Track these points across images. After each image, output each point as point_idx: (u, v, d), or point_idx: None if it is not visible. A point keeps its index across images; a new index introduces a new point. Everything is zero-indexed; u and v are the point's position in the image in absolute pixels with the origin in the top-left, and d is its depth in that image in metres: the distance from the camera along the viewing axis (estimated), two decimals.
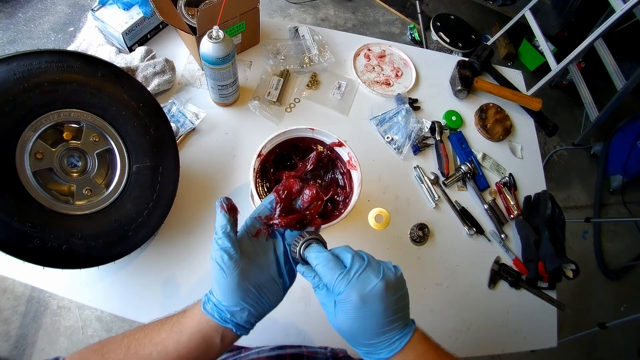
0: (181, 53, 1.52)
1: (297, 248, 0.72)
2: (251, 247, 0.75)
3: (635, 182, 3.40)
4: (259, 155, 1.05)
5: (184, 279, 1.15)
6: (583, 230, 3.25)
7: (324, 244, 0.74)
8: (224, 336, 0.69)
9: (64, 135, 0.96)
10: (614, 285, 3.13)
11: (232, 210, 0.76)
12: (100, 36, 1.44)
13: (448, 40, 3.71)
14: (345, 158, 1.13)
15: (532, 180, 1.56)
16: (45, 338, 2.24)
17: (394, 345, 0.66)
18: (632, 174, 3.30)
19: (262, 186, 1.09)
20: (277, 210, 0.78)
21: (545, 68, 2.95)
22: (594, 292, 3.06)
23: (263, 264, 0.74)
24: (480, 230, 1.40)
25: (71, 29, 3.22)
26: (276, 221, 0.77)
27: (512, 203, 1.46)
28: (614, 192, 3.42)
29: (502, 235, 1.40)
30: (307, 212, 0.80)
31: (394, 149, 1.47)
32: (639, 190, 3.49)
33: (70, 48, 1.39)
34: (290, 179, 0.82)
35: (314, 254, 0.70)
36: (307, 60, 1.56)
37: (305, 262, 0.72)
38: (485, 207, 1.44)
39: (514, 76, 1.82)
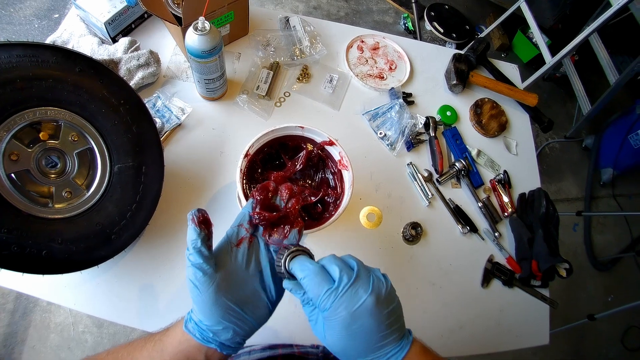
0: (167, 44, 1.46)
1: (282, 261, 0.68)
2: (232, 258, 0.70)
3: (625, 175, 3.46)
4: (246, 155, 0.99)
5: (170, 280, 1.11)
6: (574, 222, 3.28)
7: (310, 255, 0.69)
8: (208, 356, 0.65)
9: (41, 135, 0.90)
10: (603, 277, 3.20)
11: (204, 224, 0.71)
12: (82, 26, 1.37)
13: (442, 31, 3.66)
14: (337, 157, 1.08)
15: (527, 177, 1.53)
16: (35, 335, 2.19)
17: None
18: (622, 167, 3.35)
19: (250, 188, 1.04)
20: (257, 208, 0.75)
21: (538, 60, 2.94)
22: (583, 283, 3.11)
23: (245, 277, 0.70)
24: (474, 229, 1.37)
25: (56, 15, 3.11)
26: (256, 216, 0.74)
27: (506, 200, 1.43)
28: (604, 184, 3.46)
29: (496, 234, 1.38)
30: (288, 209, 0.77)
31: (387, 145, 1.43)
32: (628, 184, 3.55)
33: (51, 38, 1.33)
34: (265, 181, 0.80)
35: (299, 267, 0.65)
36: (298, 52, 1.51)
37: (291, 276, 0.67)
38: (479, 205, 1.41)
39: (510, 70, 1.78)
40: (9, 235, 0.80)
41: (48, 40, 1.32)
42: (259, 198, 0.76)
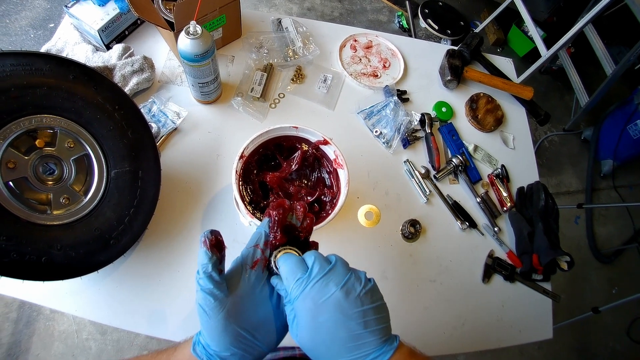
0: (161, 49, 1.47)
1: (271, 258, 0.68)
2: (245, 281, 0.67)
3: (625, 166, 3.45)
4: (241, 156, 1.00)
5: (171, 284, 1.12)
6: (575, 215, 3.27)
7: (298, 253, 0.69)
8: None
9: (37, 142, 0.91)
10: (606, 269, 3.18)
11: (216, 247, 0.67)
12: (76, 34, 1.38)
13: (436, 27, 3.66)
14: (332, 156, 1.09)
15: (525, 171, 1.53)
16: (39, 344, 2.19)
17: None
18: (622, 158, 3.34)
19: (246, 189, 1.05)
20: (275, 228, 0.72)
21: (534, 53, 2.93)
22: (587, 276, 3.10)
23: (258, 301, 0.67)
24: (473, 224, 1.37)
25: (51, 25, 3.12)
26: (271, 236, 0.72)
27: (504, 195, 1.44)
28: (604, 176, 3.45)
29: (496, 229, 1.37)
30: (303, 228, 0.76)
31: (383, 143, 1.43)
32: (629, 174, 3.54)
33: (45, 47, 1.34)
34: (279, 199, 0.81)
35: (282, 260, 0.66)
36: (291, 54, 1.51)
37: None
38: (478, 200, 1.41)
39: (505, 64, 1.79)
40: (8, 243, 0.81)
41: (43, 49, 1.33)
42: (276, 217, 0.73)
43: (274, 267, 0.67)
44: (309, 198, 1.06)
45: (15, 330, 2.19)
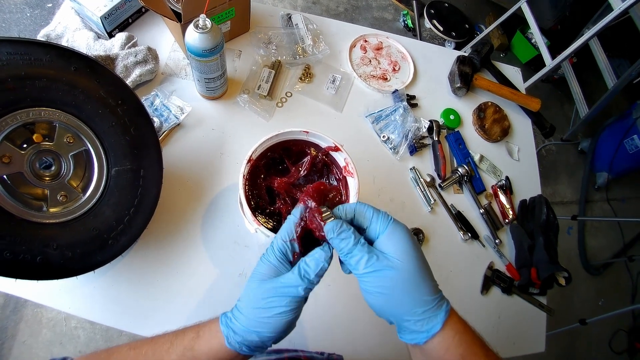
0: (165, 39, 1.41)
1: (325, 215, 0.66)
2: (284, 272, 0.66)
3: (620, 180, 3.49)
4: (249, 160, 0.96)
5: (167, 285, 1.08)
6: (568, 226, 3.30)
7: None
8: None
9: (34, 136, 0.86)
10: (594, 280, 3.23)
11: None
12: (77, 19, 1.31)
13: (441, 29, 3.63)
14: (342, 163, 1.05)
15: (528, 184, 1.52)
16: (27, 330, 2.15)
17: (439, 315, 0.60)
18: (617, 171, 3.38)
19: (252, 194, 1.01)
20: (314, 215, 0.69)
21: (536, 60, 2.92)
22: (576, 286, 3.13)
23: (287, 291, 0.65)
24: (475, 235, 1.36)
25: (49, 5, 2.98)
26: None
27: (507, 207, 1.42)
28: (599, 188, 3.49)
29: (497, 241, 1.36)
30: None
31: (390, 148, 1.40)
32: (622, 188, 3.59)
33: (44, 32, 1.28)
34: (317, 182, 0.77)
35: (331, 225, 0.64)
36: (300, 51, 1.47)
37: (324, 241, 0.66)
38: (481, 211, 1.40)
39: (512, 73, 1.76)
40: (1, 241, 0.76)
41: (41, 34, 1.27)
42: (312, 202, 0.70)
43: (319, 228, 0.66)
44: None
45: (2, 316, 2.15)
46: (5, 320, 2.14)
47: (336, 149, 1.02)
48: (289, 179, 1.02)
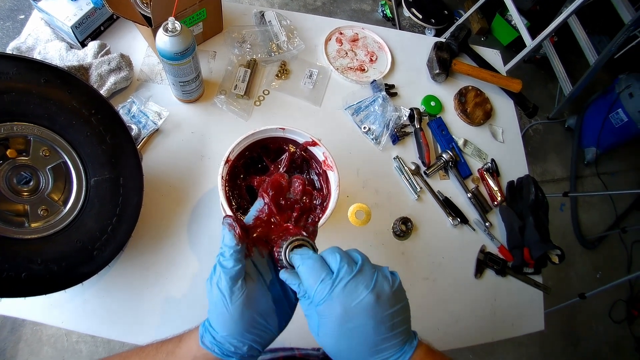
0: (139, 45, 1.40)
1: (282, 250, 0.64)
2: (251, 267, 0.65)
3: (608, 154, 3.55)
4: (227, 161, 0.95)
5: (158, 290, 1.08)
6: (560, 203, 3.33)
7: (313, 247, 0.65)
8: None
9: (8, 152, 0.85)
10: (591, 254, 3.27)
11: (243, 229, 0.64)
12: (48, 30, 1.30)
13: (420, 17, 3.62)
14: (321, 158, 1.04)
15: (514, 165, 1.53)
16: (27, 350, 2.12)
17: None
18: (605, 146, 3.43)
19: (233, 195, 1.00)
20: (266, 210, 0.70)
21: (518, 42, 2.94)
22: (572, 262, 3.18)
23: (269, 285, 0.65)
24: (464, 220, 1.36)
25: (21, 17, 2.89)
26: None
27: (495, 189, 1.42)
28: (588, 164, 3.52)
29: (487, 224, 1.37)
30: (303, 203, 0.74)
31: (372, 139, 1.40)
32: (611, 162, 3.63)
33: (13, 45, 1.26)
34: (275, 174, 0.75)
35: (298, 257, 0.61)
36: (275, 48, 1.46)
37: (292, 267, 0.63)
38: (469, 195, 1.40)
39: (492, 56, 1.76)
40: None
41: (10, 47, 1.25)
42: (267, 198, 0.71)
43: (285, 262, 0.64)
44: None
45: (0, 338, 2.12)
46: (3, 342, 2.11)
47: (314, 144, 1.02)
48: (268, 177, 1.01)
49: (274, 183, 0.72)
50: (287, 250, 0.63)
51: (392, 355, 0.57)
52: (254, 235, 0.68)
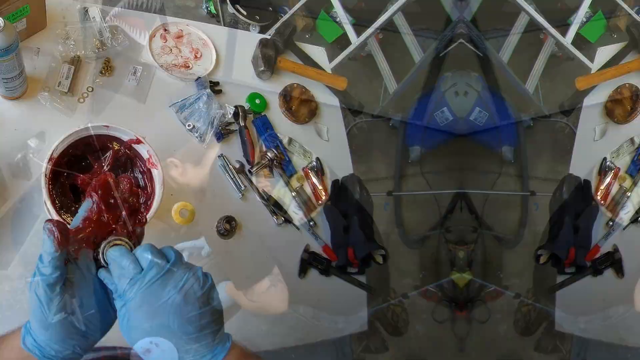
0: None
1: (100, 250, 0.71)
2: (75, 272, 0.69)
3: (433, 152, 3.71)
4: (50, 159, 1.06)
5: None
6: (384, 202, 3.65)
7: (130, 246, 0.73)
8: None
9: None
10: (414, 254, 3.57)
11: (63, 235, 0.66)
12: None
13: (245, 13, 3.75)
14: (145, 156, 1.19)
15: (339, 164, 1.76)
16: None
17: None
18: (429, 145, 3.63)
19: (57, 194, 1.13)
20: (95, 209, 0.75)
21: (343, 39, 3.20)
22: (396, 261, 3.45)
23: (92, 289, 0.70)
24: (288, 219, 1.51)
25: None
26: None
27: (319, 188, 1.60)
28: (412, 162, 3.83)
29: (311, 223, 1.54)
30: (131, 202, 0.80)
31: (197, 137, 1.53)
32: (435, 161, 3.90)
33: None
34: (102, 174, 0.81)
35: (111, 255, 0.68)
36: (98, 45, 1.56)
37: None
38: (293, 194, 1.56)
39: (318, 53, 2.01)
40: None
41: None
42: (96, 197, 0.76)
43: (103, 262, 0.70)
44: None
45: None
46: None
47: (138, 142, 1.18)
48: (92, 175, 1.11)
49: (101, 182, 0.78)
50: (104, 250, 0.70)
51: (203, 356, 0.66)
52: (80, 236, 0.72)
